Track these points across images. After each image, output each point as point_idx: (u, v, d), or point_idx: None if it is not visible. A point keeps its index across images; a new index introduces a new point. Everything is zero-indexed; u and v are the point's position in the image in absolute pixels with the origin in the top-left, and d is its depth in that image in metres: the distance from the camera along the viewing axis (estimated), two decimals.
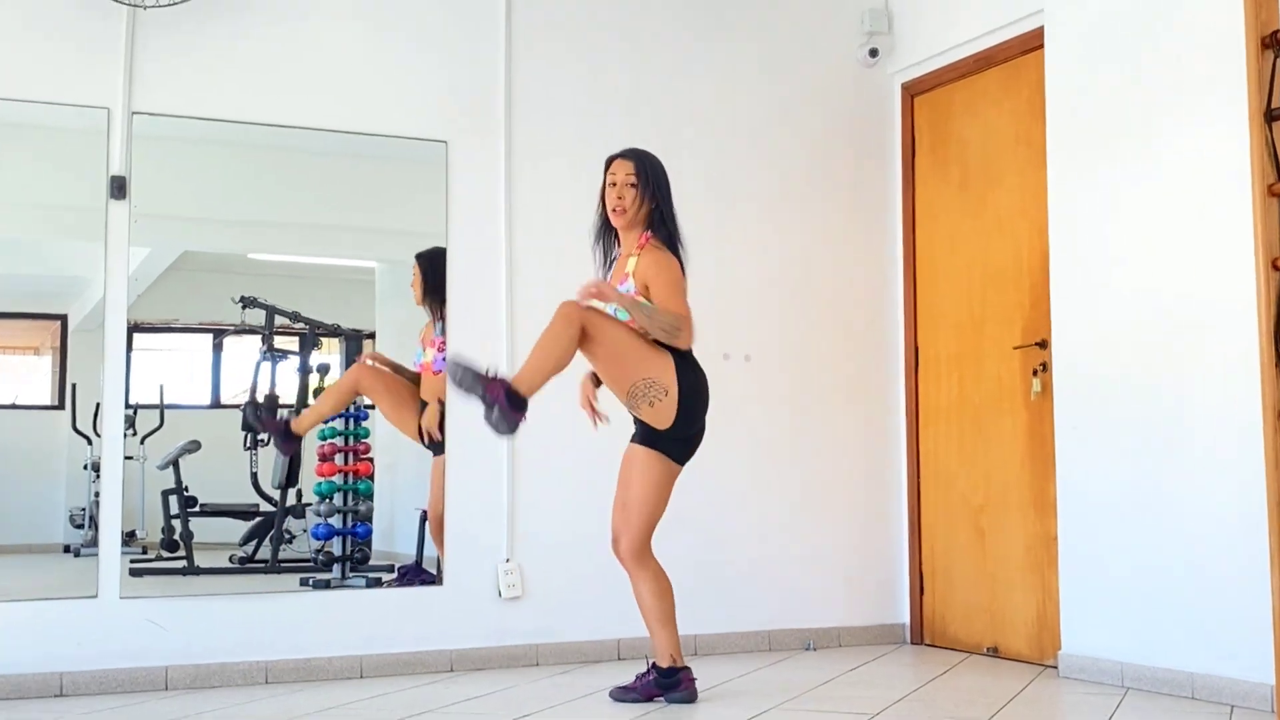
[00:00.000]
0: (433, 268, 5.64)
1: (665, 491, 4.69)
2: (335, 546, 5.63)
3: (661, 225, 4.78)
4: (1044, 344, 5.61)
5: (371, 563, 5.63)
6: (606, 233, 4.91)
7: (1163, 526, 4.93)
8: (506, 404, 4.34)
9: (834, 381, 6.33)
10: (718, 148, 6.20)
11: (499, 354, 5.66)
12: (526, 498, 5.69)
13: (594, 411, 4.88)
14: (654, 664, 4.73)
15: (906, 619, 6.34)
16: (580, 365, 4.64)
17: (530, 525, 5.69)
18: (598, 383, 4.90)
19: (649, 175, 4.79)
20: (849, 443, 6.34)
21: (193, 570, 5.46)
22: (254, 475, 5.64)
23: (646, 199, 4.77)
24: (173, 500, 5.46)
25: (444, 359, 5.54)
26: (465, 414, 5.54)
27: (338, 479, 5.67)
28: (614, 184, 4.78)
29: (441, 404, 5.55)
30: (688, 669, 4.75)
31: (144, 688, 4.99)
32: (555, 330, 4.46)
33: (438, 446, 5.57)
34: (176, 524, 5.48)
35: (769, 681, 5.17)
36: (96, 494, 5.14)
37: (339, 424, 5.69)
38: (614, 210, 4.77)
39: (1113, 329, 5.19)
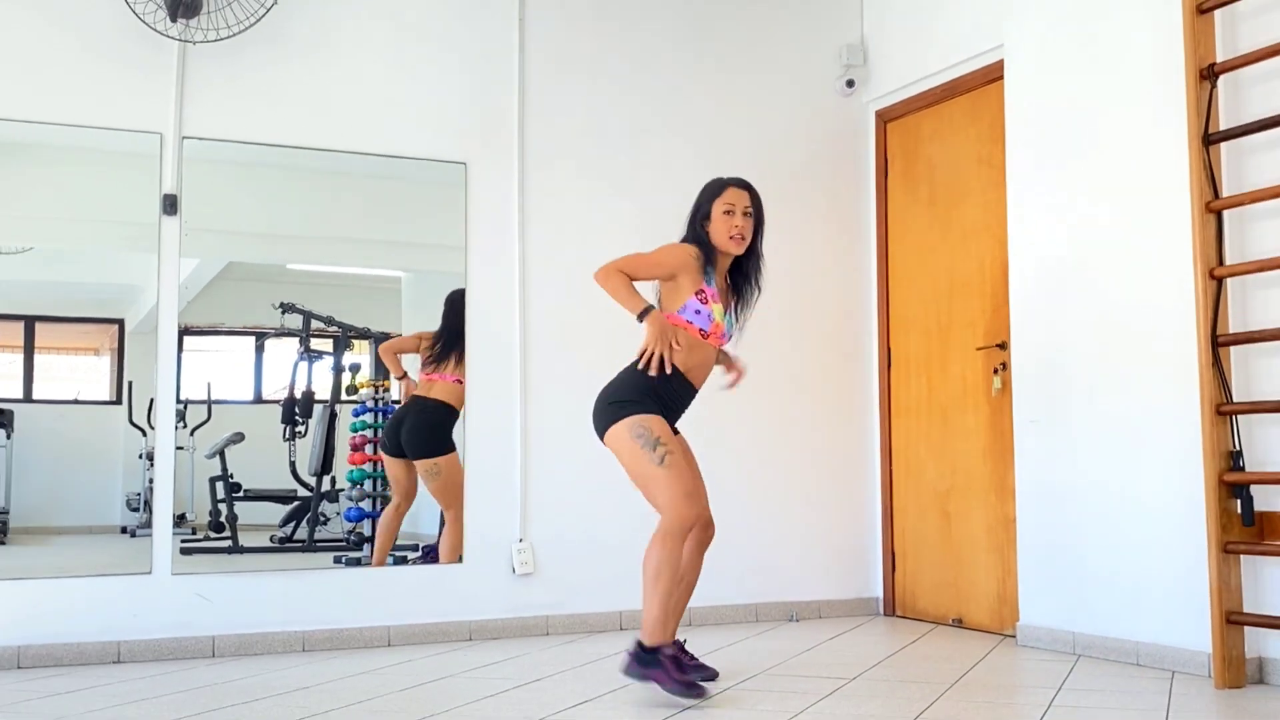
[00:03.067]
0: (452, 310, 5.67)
1: None
2: (366, 528, 5.58)
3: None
4: (1004, 345, 5.59)
5: (398, 543, 5.58)
6: (708, 256, 4.35)
7: (1110, 510, 4.91)
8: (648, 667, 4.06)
9: (815, 380, 6.31)
10: (710, 168, 5.93)
11: (512, 360, 5.66)
12: (537, 484, 5.66)
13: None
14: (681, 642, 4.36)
15: (880, 593, 6.31)
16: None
17: (541, 509, 5.66)
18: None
19: (760, 210, 4.43)
20: (828, 435, 6.31)
21: (237, 549, 5.44)
22: (292, 463, 5.60)
23: (757, 233, 4.43)
24: (219, 486, 5.43)
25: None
26: (484, 412, 5.61)
27: (368, 467, 5.63)
28: (729, 212, 4.33)
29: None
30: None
31: (193, 655, 4.99)
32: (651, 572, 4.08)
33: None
34: (223, 507, 5.44)
35: (756, 649, 5.14)
36: (150, 480, 5.12)
37: (369, 418, 5.64)
38: (735, 239, 4.32)
39: (1066, 332, 5.15)
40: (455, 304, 5.64)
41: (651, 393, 4.21)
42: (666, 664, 4.07)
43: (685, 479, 4.14)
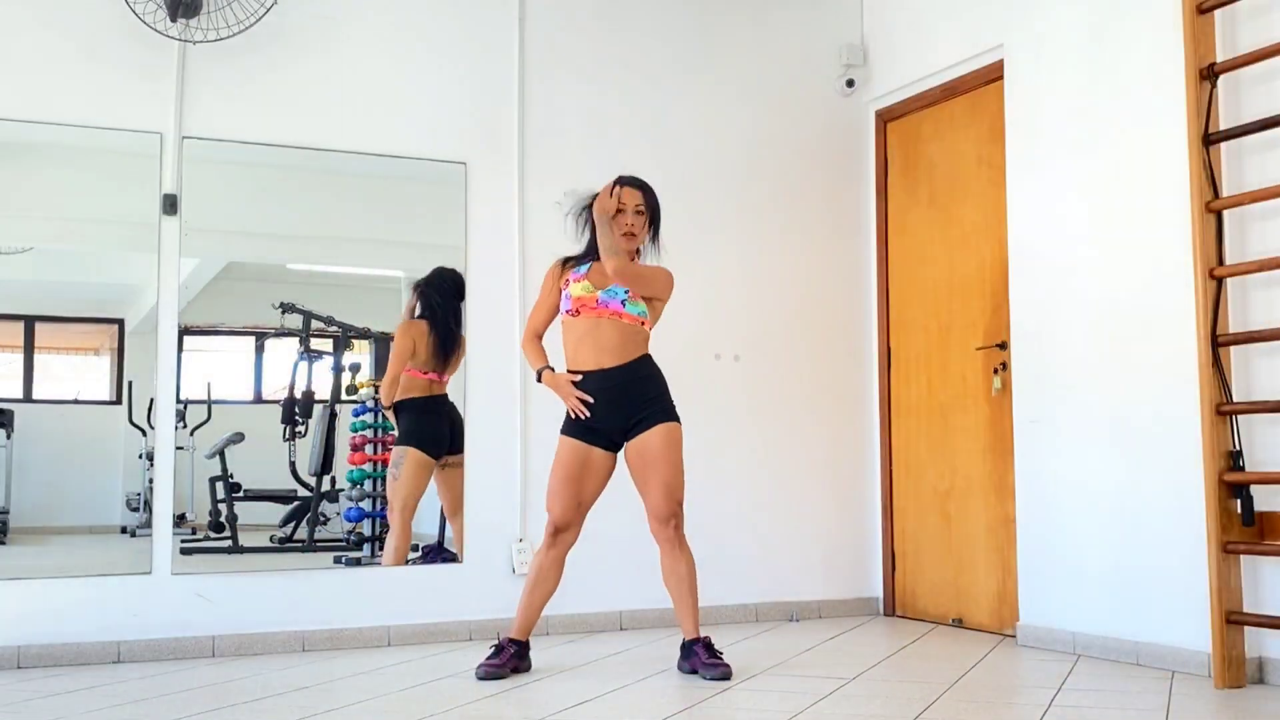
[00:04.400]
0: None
1: None
2: (365, 528, 5.59)
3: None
4: (1004, 345, 5.60)
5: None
6: (578, 258, 4.73)
7: (1110, 510, 4.93)
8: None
9: (815, 380, 6.32)
10: (711, 169, 6.17)
11: (512, 360, 5.64)
12: (537, 484, 5.59)
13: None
14: (705, 638, 4.57)
15: (880, 593, 6.32)
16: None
17: (541, 509, 5.47)
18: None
19: (654, 207, 4.72)
20: (828, 435, 6.33)
21: (237, 549, 5.45)
22: (292, 463, 5.61)
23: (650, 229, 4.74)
24: (219, 486, 5.43)
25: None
26: (483, 411, 5.61)
27: (368, 467, 5.64)
28: (622, 210, 4.62)
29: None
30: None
31: (193, 655, 5.00)
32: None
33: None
34: (223, 507, 5.45)
35: (757, 649, 5.16)
36: (150, 480, 5.13)
37: (369, 418, 5.65)
38: (627, 234, 4.61)
39: (1066, 332, 5.18)
40: (444, 286, 5.63)
41: (568, 412, 4.65)
42: (699, 651, 4.54)
43: (551, 492, 4.64)
